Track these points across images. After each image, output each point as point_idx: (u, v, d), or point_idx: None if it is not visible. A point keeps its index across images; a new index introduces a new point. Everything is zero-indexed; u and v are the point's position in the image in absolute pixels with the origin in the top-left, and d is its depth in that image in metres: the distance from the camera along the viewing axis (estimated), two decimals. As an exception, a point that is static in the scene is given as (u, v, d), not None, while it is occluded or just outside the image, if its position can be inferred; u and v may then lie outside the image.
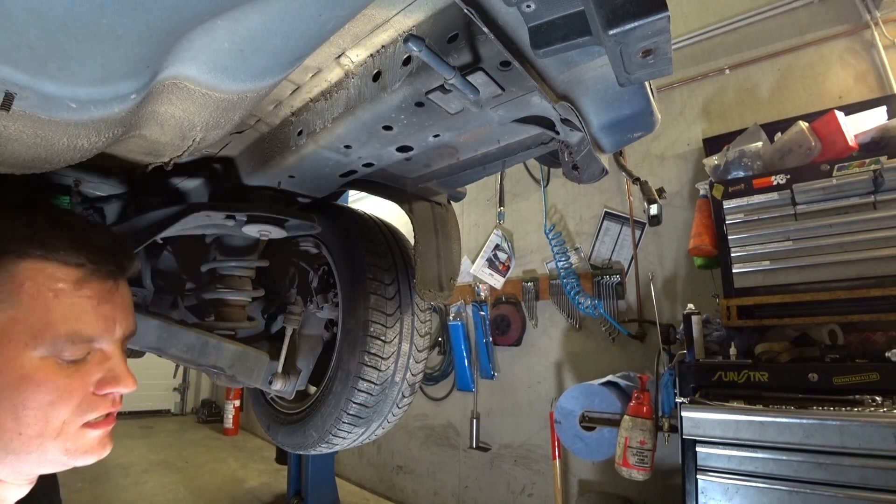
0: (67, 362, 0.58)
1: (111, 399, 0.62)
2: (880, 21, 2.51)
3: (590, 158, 0.87)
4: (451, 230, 1.24)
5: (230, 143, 1.09)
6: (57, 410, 0.57)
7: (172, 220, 1.05)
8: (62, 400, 0.57)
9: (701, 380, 2.04)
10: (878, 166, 1.95)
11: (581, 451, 2.62)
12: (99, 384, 0.60)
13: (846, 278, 1.97)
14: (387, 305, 1.18)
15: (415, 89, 0.73)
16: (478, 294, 3.80)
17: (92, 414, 0.60)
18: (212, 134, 0.74)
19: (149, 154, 0.73)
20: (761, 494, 1.67)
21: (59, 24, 0.42)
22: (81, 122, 0.56)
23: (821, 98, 2.62)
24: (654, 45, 0.52)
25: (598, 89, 0.73)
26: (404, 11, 0.69)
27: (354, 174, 1.03)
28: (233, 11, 0.49)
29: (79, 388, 0.58)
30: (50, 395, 0.56)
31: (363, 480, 4.48)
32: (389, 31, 0.74)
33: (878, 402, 1.62)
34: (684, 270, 2.93)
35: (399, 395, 1.24)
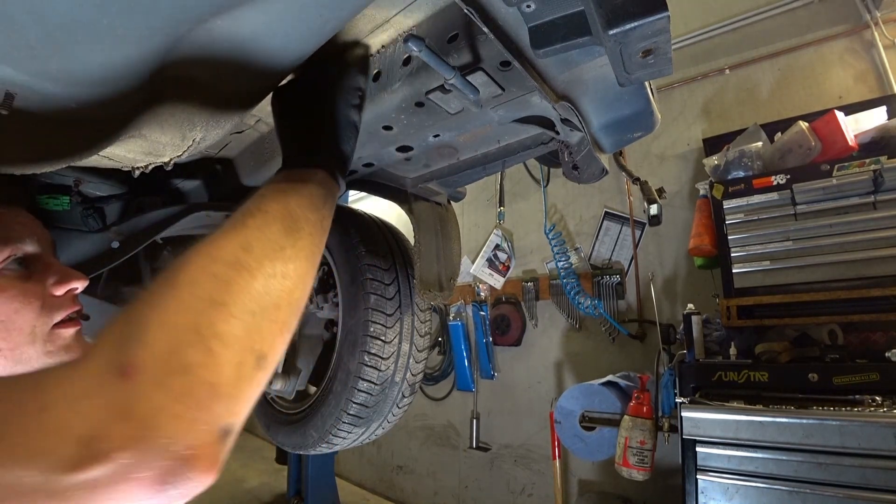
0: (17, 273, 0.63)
1: (70, 298, 0.68)
2: (880, 21, 2.51)
3: (590, 158, 0.87)
4: (451, 230, 1.24)
5: (230, 143, 1.09)
6: (23, 315, 0.62)
7: (172, 220, 1.05)
8: (25, 305, 0.62)
9: (701, 380, 2.04)
10: (878, 166, 1.95)
11: (581, 451, 2.62)
12: (55, 285, 0.66)
13: (846, 278, 1.97)
14: (387, 305, 1.18)
15: (415, 89, 0.73)
16: (478, 294, 3.80)
17: (57, 314, 0.66)
18: (212, 134, 0.74)
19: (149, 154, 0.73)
20: (761, 494, 1.67)
21: (59, 24, 0.42)
22: (82, 122, 0.56)
23: (821, 98, 2.62)
24: (654, 45, 0.52)
25: (598, 89, 0.73)
26: (404, 11, 0.69)
27: (354, 174, 1.03)
28: (233, 11, 0.49)
29: (36, 291, 0.64)
30: (13, 303, 0.61)
31: (363, 480, 4.48)
32: (389, 31, 0.74)
33: (878, 402, 1.62)
34: (684, 270, 2.93)
35: (399, 395, 1.24)
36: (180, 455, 0.35)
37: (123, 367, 0.35)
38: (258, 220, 0.49)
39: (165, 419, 0.35)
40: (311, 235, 0.53)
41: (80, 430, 0.32)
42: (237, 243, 0.46)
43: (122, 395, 0.34)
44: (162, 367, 0.36)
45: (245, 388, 0.42)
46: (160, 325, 0.39)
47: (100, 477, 0.32)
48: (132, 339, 0.37)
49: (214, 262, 0.44)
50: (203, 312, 0.40)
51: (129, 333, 0.38)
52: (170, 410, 0.35)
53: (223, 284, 0.43)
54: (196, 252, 0.44)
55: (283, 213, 0.51)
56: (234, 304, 0.42)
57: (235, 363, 0.41)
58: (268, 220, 0.50)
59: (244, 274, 0.44)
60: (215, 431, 0.38)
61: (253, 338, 0.43)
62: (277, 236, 0.49)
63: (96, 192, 1.19)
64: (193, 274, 0.43)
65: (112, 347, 0.37)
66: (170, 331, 0.38)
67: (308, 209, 0.54)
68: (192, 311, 0.40)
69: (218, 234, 0.47)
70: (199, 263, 0.43)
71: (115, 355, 0.36)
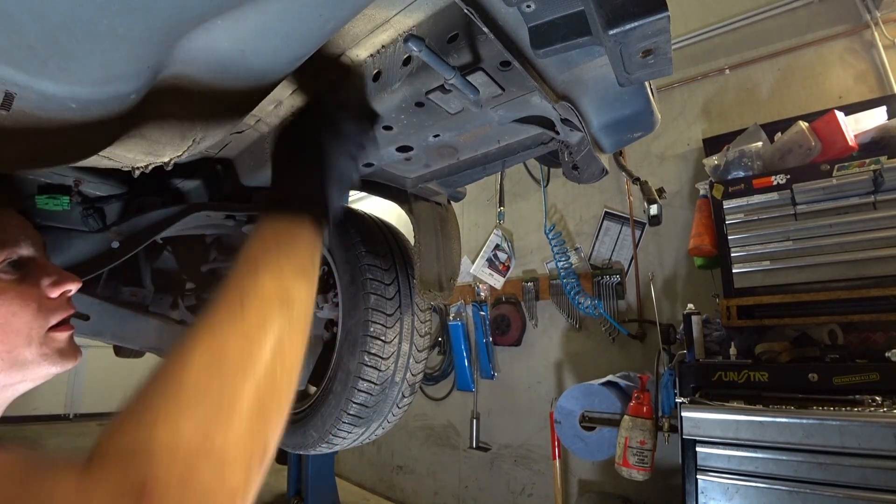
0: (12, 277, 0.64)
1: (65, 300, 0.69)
2: (880, 21, 2.51)
3: (590, 158, 0.87)
4: (451, 230, 1.24)
5: (230, 143, 1.09)
6: (21, 318, 0.63)
7: (172, 220, 1.05)
8: (22, 308, 0.63)
9: (701, 380, 2.04)
10: (878, 166, 1.95)
11: (581, 451, 2.62)
12: (50, 287, 0.67)
13: (846, 278, 1.97)
14: (387, 305, 1.18)
15: (415, 89, 0.73)
16: (478, 294, 3.80)
17: (53, 316, 0.67)
18: (212, 134, 0.74)
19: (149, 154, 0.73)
20: (761, 494, 1.67)
21: (59, 24, 0.42)
22: (82, 122, 0.56)
23: (821, 98, 2.62)
24: (654, 45, 0.52)
25: (598, 89, 0.73)
26: (404, 11, 0.69)
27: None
28: (233, 11, 0.49)
29: (32, 294, 0.65)
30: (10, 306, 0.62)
31: (363, 480, 4.48)
32: (389, 31, 0.74)
33: (878, 402, 1.62)
34: (684, 270, 2.93)
35: (399, 395, 1.24)
36: None
37: (141, 486, 0.34)
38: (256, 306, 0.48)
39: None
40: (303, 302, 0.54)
41: None
42: (240, 335, 0.46)
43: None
44: (180, 487, 0.36)
45: (255, 482, 0.42)
46: (173, 438, 0.38)
47: None
48: (144, 452, 0.36)
49: (222, 361, 0.43)
50: (213, 421, 0.40)
51: (139, 447, 0.37)
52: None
53: (230, 390, 0.42)
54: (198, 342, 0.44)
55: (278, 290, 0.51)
56: (243, 409, 0.42)
57: (246, 466, 0.41)
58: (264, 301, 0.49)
59: (249, 376, 0.44)
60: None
61: (258, 437, 0.43)
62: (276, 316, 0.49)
63: (96, 192, 1.19)
64: (199, 375, 0.42)
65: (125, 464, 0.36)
66: (181, 443, 0.38)
67: (300, 276, 0.55)
68: (201, 419, 0.39)
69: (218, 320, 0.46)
70: (204, 362, 0.43)
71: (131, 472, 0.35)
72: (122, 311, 1.28)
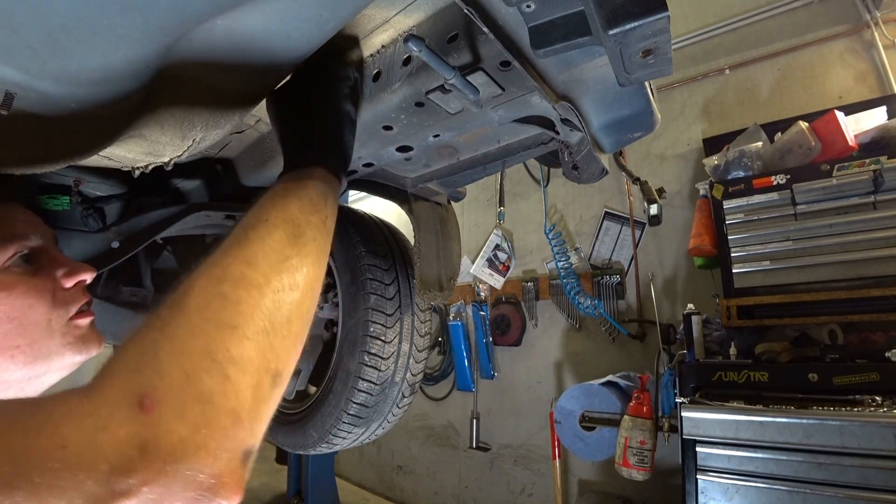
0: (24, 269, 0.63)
1: (80, 289, 0.69)
2: (880, 21, 2.51)
3: (590, 158, 0.87)
4: (451, 230, 1.24)
5: (230, 143, 1.09)
6: (37, 310, 0.62)
7: (172, 220, 1.05)
8: (38, 300, 0.63)
9: (701, 380, 2.04)
10: (878, 166, 1.95)
11: (581, 451, 2.62)
12: (65, 277, 0.67)
13: (846, 278, 1.97)
14: (387, 305, 1.18)
15: (415, 89, 0.73)
16: (478, 294, 3.80)
17: (72, 306, 0.66)
18: (212, 133, 0.74)
19: (149, 154, 0.73)
20: (761, 494, 1.67)
21: (59, 24, 0.42)
22: (82, 122, 0.56)
23: (821, 98, 2.62)
24: (654, 45, 0.52)
25: (598, 89, 0.73)
26: (404, 11, 0.69)
27: (354, 174, 1.03)
28: (233, 11, 0.49)
29: (46, 285, 0.64)
30: (25, 299, 0.61)
31: (363, 480, 4.48)
32: (389, 31, 0.74)
33: (878, 402, 1.62)
34: (684, 270, 2.93)
35: (399, 395, 1.24)
36: (206, 484, 0.35)
37: (140, 398, 0.35)
38: (259, 232, 0.49)
39: (189, 450, 0.35)
40: (316, 239, 0.53)
41: (103, 466, 0.32)
42: (241, 259, 0.46)
43: (142, 429, 0.34)
44: (181, 398, 0.36)
45: (263, 410, 0.42)
46: (174, 353, 0.38)
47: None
48: (147, 368, 0.37)
49: (221, 282, 0.43)
50: (216, 337, 0.40)
51: (142, 363, 0.37)
52: (193, 441, 0.35)
53: (233, 305, 0.42)
54: (201, 273, 0.44)
55: (284, 220, 0.51)
56: (247, 326, 0.42)
57: (253, 386, 0.41)
58: (269, 229, 0.49)
59: (252, 292, 0.44)
60: (238, 457, 0.38)
61: (267, 357, 0.43)
62: (281, 246, 0.49)
63: (96, 192, 1.19)
64: (201, 297, 0.42)
65: (126, 378, 0.36)
66: (185, 359, 0.38)
67: (309, 212, 0.54)
68: (204, 336, 0.40)
69: (221, 251, 0.47)
70: (206, 285, 0.43)
71: (131, 386, 0.35)
72: (122, 311, 1.28)
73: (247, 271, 0.45)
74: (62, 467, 0.31)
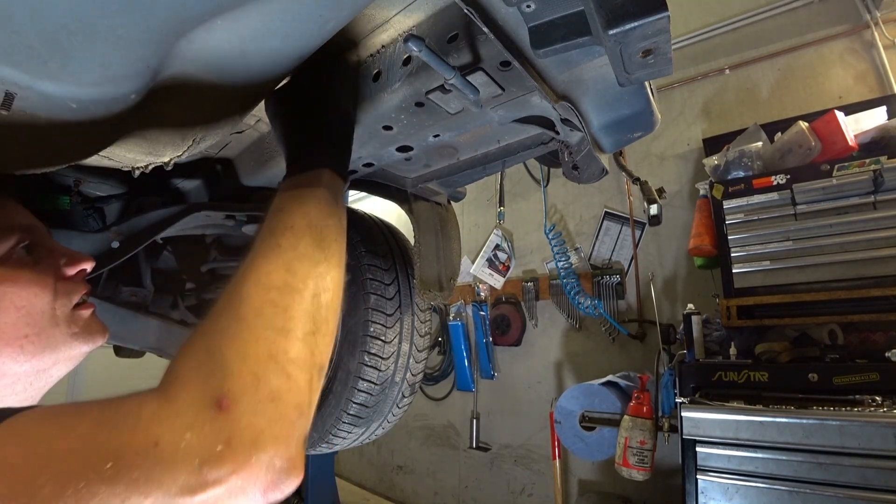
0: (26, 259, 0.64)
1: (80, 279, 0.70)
2: (880, 21, 2.51)
3: (590, 158, 0.87)
4: (451, 230, 1.24)
5: (230, 143, 1.09)
6: (42, 299, 0.63)
7: (172, 220, 1.05)
8: (42, 289, 0.63)
9: (701, 380, 2.04)
10: (878, 166, 1.95)
11: (581, 451, 2.62)
12: (66, 266, 0.67)
13: (846, 278, 1.97)
14: (387, 305, 1.18)
15: (415, 89, 0.73)
16: (478, 294, 3.80)
17: (74, 295, 0.67)
18: (212, 133, 0.74)
19: (149, 154, 0.73)
20: (761, 494, 1.67)
21: (59, 24, 0.42)
22: (82, 122, 0.56)
23: (821, 98, 2.62)
24: (654, 45, 0.52)
25: (598, 89, 0.73)
26: (404, 11, 0.69)
27: (354, 174, 1.03)
28: (233, 11, 0.49)
29: (48, 274, 0.65)
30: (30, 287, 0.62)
31: (363, 480, 4.48)
32: (389, 31, 0.74)
33: (878, 402, 1.62)
34: (684, 270, 2.93)
35: (399, 395, 1.24)
36: (282, 468, 0.41)
37: (218, 399, 0.39)
38: (290, 240, 0.53)
39: (266, 441, 0.40)
40: (336, 241, 0.57)
41: (194, 459, 0.36)
42: (281, 267, 0.50)
43: (224, 426, 0.39)
44: (255, 397, 0.41)
45: (315, 400, 0.48)
46: (241, 358, 0.43)
47: (219, 495, 0.37)
48: (218, 372, 0.41)
49: (268, 290, 0.48)
50: (275, 341, 0.45)
51: (213, 368, 0.42)
52: (269, 433, 0.41)
53: (282, 311, 0.47)
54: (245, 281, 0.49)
55: (308, 226, 0.55)
56: (297, 329, 0.47)
57: (308, 381, 0.46)
58: (298, 236, 0.53)
59: (296, 297, 0.49)
60: (302, 442, 0.44)
61: (315, 354, 0.48)
62: (311, 251, 0.53)
63: (96, 192, 1.19)
64: (254, 304, 0.47)
65: (202, 382, 0.41)
66: (251, 362, 0.43)
67: (327, 214, 0.58)
68: (264, 340, 0.45)
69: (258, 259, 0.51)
70: (255, 293, 0.48)
71: (208, 390, 0.40)
72: (122, 311, 1.28)
73: (288, 279, 0.50)
74: (157, 462, 0.35)
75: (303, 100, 0.69)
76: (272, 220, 0.55)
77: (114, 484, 0.34)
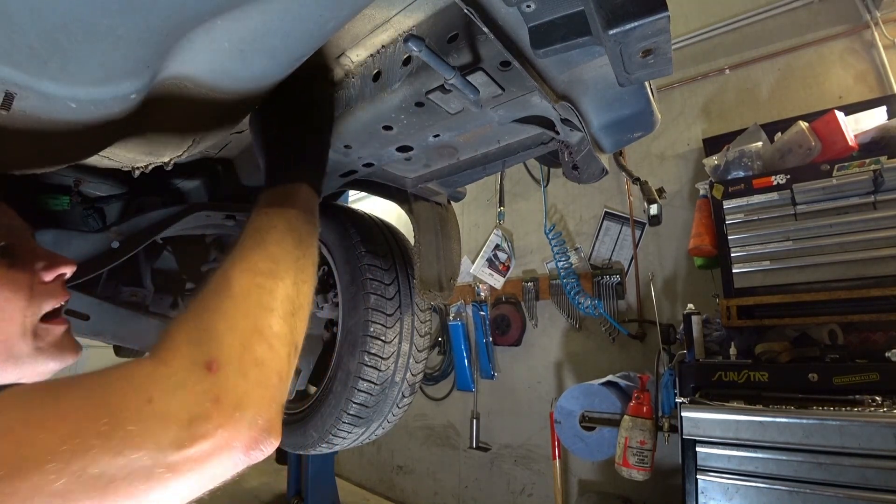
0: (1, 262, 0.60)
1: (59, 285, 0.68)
2: (880, 21, 2.51)
3: (590, 158, 0.87)
4: (451, 230, 1.24)
5: (230, 144, 1.09)
6: (13, 304, 0.60)
7: (172, 220, 1.05)
8: (14, 293, 0.61)
9: (701, 380, 2.04)
10: (878, 166, 1.95)
11: (581, 451, 2.62)
12: (45, 270, 0.65)
13: (846, 278, 1.97)
14: (387, 305, 1.18)
15: (415, 89, 0.73)
16: (478, 294, 3.80)
17: (47, 302, 0.64)
18: (212, 134, 0.74)
19: (149, 154, 0.73)
20: (761, 494, 1.67)
21: (59, 24, 0.42)
22: (82, 122, 0.56)
23: (821, 98, 2.62)
24: (654, 45, 0.52)
25: (598, 89, 0.73)
26: (404, 11, 0.69)
27: (354, 174, 1.03)
28: (233, 11, 0.49)
29: (24, 279, 0.62)
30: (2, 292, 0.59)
31: (363, 480, 4.48)
32: (389, 31, 0.74)
33: (878, 402, 1.62)
34: (684, 270, 2.93)
35: (399, 396, 1.24)
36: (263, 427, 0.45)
37: (208, 363, 0.44)
38: (274, 236, 0.59)
39: (251, 401, 0.45)
40: (311, 245, 0.64)
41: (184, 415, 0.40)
42: (267, 258, 0.56)
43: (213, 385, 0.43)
44: (240, 361, 0.46)
45: (291, 373, 0.53)
46: (230, 330, 0.48)
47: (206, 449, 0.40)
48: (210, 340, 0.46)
49: (256, 275, 0.54)
50: (261, 317, 0.51)
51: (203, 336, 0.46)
52: (253, 394, 0.45)
53: (268, 293, 0.53)
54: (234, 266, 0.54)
55: (290, 228, 0.61)
56: (280, 308, 0.53)
57: (287, 354, 0.52)
58: (282, 234, 0.60)
59: (279, 283, 0.55)
60: (280, 407, 0.49)
61: (293, 333, 0.54)
62: (293, 248, 0.59)
63: (96, 192, 1.19)
64: (243, 285, 0.52)
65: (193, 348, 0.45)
66: (238, 333, 0.48)
67: (305, 222, 0.64)
68: (252, 316, 0.50)
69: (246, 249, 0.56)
70: (244, 276, 0.53)
71: (198, 354, 0.44)
72: (122, 311, 1.28)
73: (272, 267, 0.55)
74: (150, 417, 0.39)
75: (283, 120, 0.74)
76: (257, 220, 0.61)
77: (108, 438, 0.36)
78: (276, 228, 0.60)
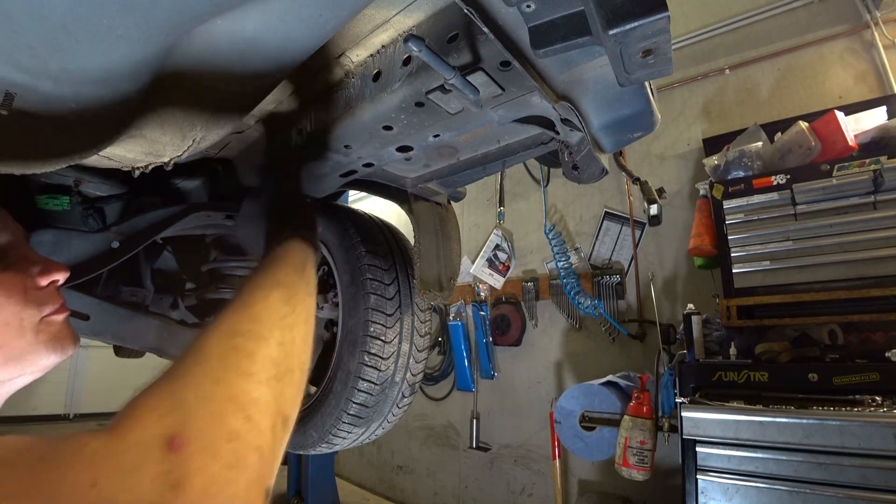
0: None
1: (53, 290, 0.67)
2: (880, 21, 2.51)
3: (590, 158, 0.87)
4: (451, 230, 1.24)
5: (230, 144, 1.09)
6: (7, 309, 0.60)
7: (172, 220, 1.05)
8: (8, 298, 0.60)
9: (701, 380, 2.04)
10: (878, 166, 1.95)
11: (581, 451, 2.62)
12: (39, 276, 0.64)
13: (846, 278, 1.97)
14: (387, 305, 1.18)
15: (415, 89, 0.73)
16: (478, 294, 3.80)
17: (45, 306, 0.64)
18: (212, 134, 0.74)
19: (149, 154, 0.73)
20: (761, 494, 1.67)
21: (59, 24, 0.42)
22: (82, 122, 0.56)
23: (821, 98, 2.62)
24: (654, 45, 0.52)
25: (598, 89, 0.73)
26: (404, 11, 0.70)
27: (354, 174, 1.03)
28: (233, 11, 0.49)
29: (17, 283, 0.61)
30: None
31: (363, 480, 4.48)
32: (389, 31, 0.74)
33: (878, 402, 1.62)
34: (684, 270, 2.93)
35: (399, 396, 1.24)
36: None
37: (170, 439, 0.36)
38: (258, 295, 0.55)
39: (222, 486, 0.36)
40: (304, 301, 0.60)
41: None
42: (247, 317, 0.51)
43: (173, 467, 0.35)
44: (210, 436, 0.38)
45: (279, 450, 0.45)
46: (200, 398, 0.40)
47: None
48: (175, 411, 0.38)
49: (233, 336, 0.48)
50: (237, 383, 0.44)
51: (169, 407, 0.39)
52: (223, 477, 0.37)
53: (247, 356, 0.46)
54: (212, 329, 0.48)
55: (277, 283, 0.58)
56: (260, 373, 0.46)
57: (270, 426, 0.43)
58: (266, 292, 0.56)
59: (261, 344, 0.49)
60: (263, 493, 0.40)
61: (279, 401, 0.46)
62: (278, 305, 0.55)
63: (96, 192, 1.19)
64: (218, 348, 0.46)
65: (155, 420, 0.37)
66: (209, 402, 0.40)
67: (296, 277, 0.61)
68: (225, 382, 0.43)
69: (227, 312, 0.52)
70: (220, 338, 0.47)
71: (160, 428, 0.36)
72: (122, 311, 1.28)
73: (253, 327, 0.50)
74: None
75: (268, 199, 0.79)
76: (245, 283, 0.58)
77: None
78: (260, 287, 0.56)
